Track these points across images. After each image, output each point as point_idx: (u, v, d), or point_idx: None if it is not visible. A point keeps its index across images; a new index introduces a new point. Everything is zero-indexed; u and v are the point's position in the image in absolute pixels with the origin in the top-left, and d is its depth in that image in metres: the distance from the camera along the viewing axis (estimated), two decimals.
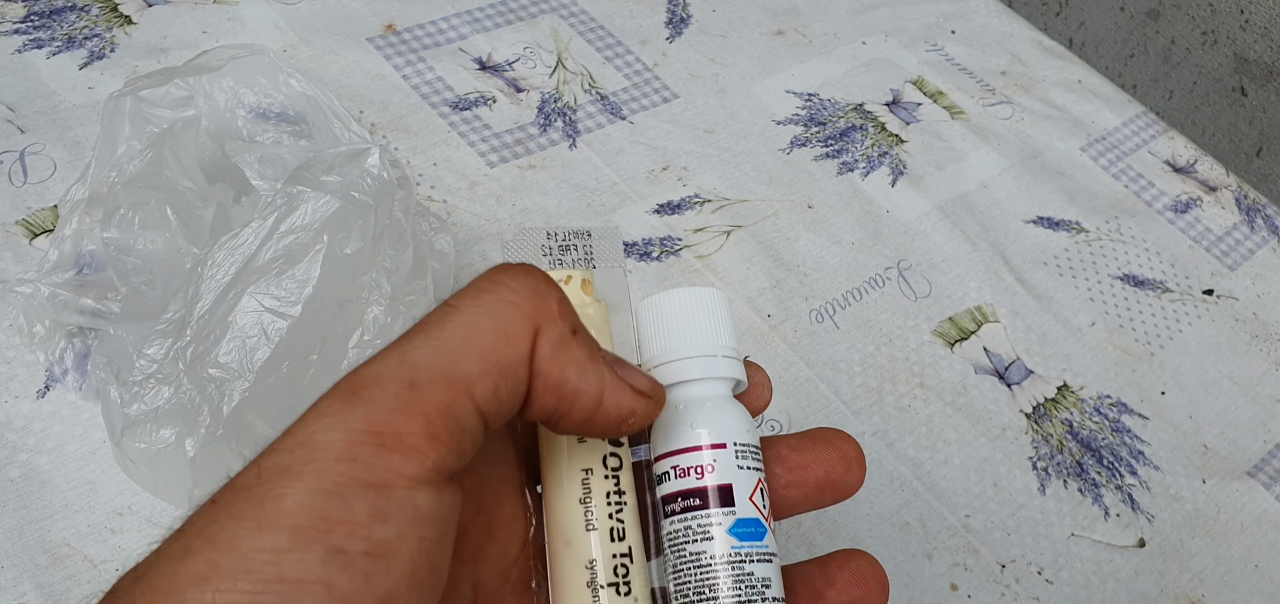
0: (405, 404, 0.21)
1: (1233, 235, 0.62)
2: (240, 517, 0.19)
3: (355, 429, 0.20)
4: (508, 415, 0.23)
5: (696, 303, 0.28)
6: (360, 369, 0.21)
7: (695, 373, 0.27)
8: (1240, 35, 0.88)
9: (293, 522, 0.19)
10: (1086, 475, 0.49)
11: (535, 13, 0.65)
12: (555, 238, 0.28)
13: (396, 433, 0.20)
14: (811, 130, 0.62)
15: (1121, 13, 0.97)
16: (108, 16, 0.58)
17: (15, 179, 0.49)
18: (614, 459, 0.26)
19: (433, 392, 0.21)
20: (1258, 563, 0.47)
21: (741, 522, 0.26)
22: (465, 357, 0.22)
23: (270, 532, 0.19)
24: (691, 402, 0.27)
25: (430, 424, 0.21)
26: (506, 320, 0.22)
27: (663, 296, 0.28)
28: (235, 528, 0.19)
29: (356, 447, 0.20)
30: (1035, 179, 0.62)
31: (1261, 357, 0.56)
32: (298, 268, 0.37)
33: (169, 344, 0.37)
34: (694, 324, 0.28)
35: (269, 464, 0.20)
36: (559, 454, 0.26)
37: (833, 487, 0.28)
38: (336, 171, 0.39)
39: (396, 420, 0.20)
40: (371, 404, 0.21)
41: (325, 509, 0.19)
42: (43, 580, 0.38)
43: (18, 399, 0.42)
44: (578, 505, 0.26)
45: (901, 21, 0.71)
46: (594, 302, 0.28)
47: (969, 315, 0.54)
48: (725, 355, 0.28)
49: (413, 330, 0.22)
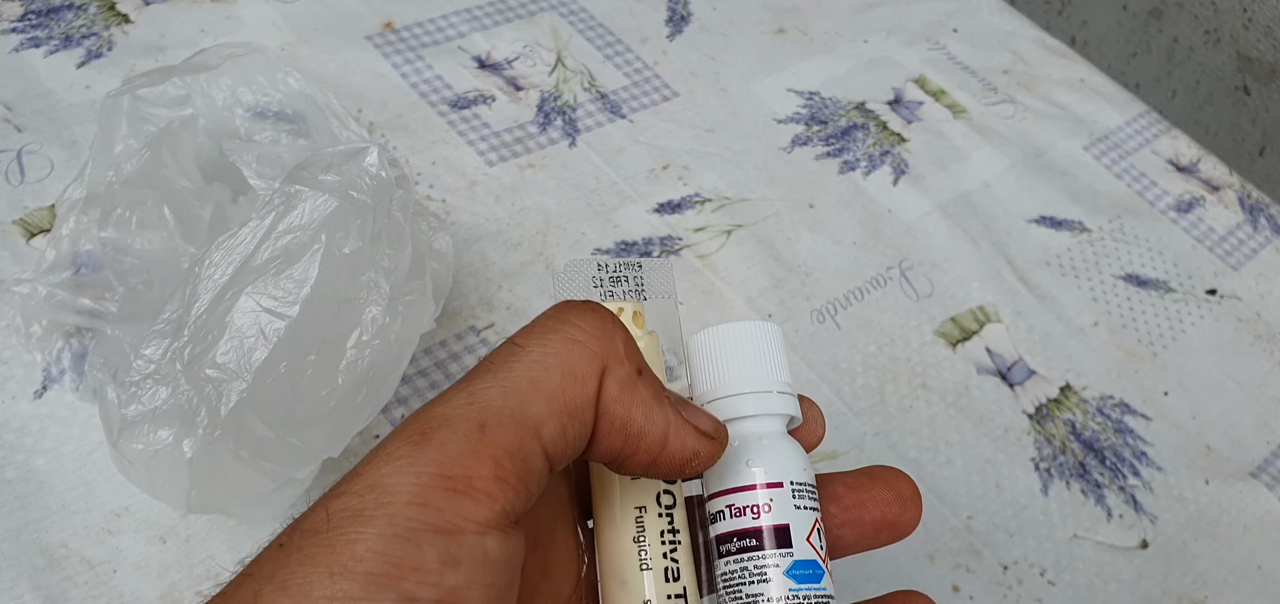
0: (475, 447, 0.21)
1: (1236, 235, 0.62)
2: (311, 562, 0.19)
3: (426, 473, 0.20)
4: (573, 456, 0.23)
5: (751, 337, 0.27)
6: (429, 409, 0.21)
7: (750, 410, 0.27)
8: (1243, 34, 0.88)
9: (365, 568, 0.19)
10: (1089, 476, 0.48)
11: (535, 11, 0.65)
12: (606, 269, 0.28)
13: (467, 476, 0.20)
14: (813, 129, 0.62)
15: (1124, 11, 0.97)
16: (105, 15, 0.58)
17: (12, 178, 0.49)
18: (668, 497, 0.26)
19: (502, 434, 0.21)
20: (1261, 564, 0.47)
21: (799, 563, 0.26)
22: (533, 398, 0.22)
23: (343, 578, 0.19)
24: (747, 439, 0.27)
25: (500, 467, 0.21)
26: (574, 360, 0.22)
27: (716, 330, 0.27)
28: (306, 574, 0.19)
29: (428, 491, 0.20)
30: (1038, 178, 0.62)
31: (1265, 357, 0.55)
32: (295, 268, 0.37)
33: (166, 344, 0.37)
34: (748, 358, 0.27)
35: (338, 508, 0.20)
36: (612, 492, 0.26)
37: (889, 527, 0.27)
38: (335, 171, 0.38)
39: (467, 464, 0.20)
40: (442, 447, 0.20)
41: (397, 555, 0.19)
42: (40, 582, 0.37)
43: (15, 399, 0.42)
44: (632, 544, 0.25)
45: (903, 20, 0.71)
46: (646, 334, 0.27)
47: (971, 315, 0.54)
48: (780, 391, 0.27)
49: (479, 369, 0.22)
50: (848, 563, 0.43)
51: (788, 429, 0.27)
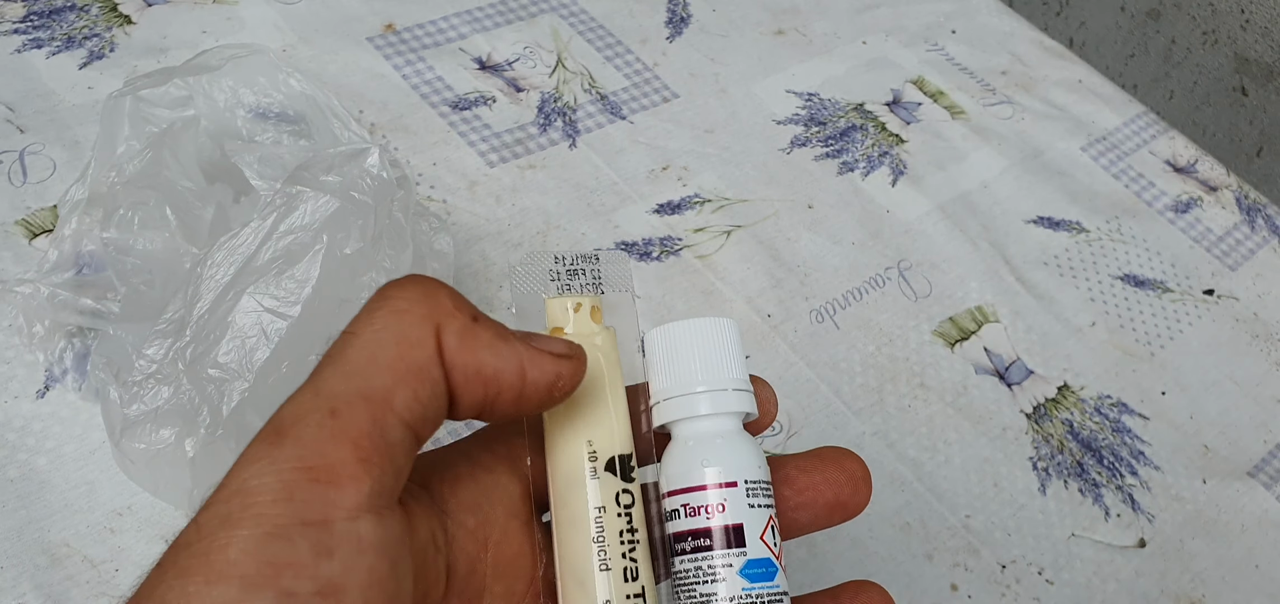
0: (331, 434, 0.21)
1: (1233, 235, 0.62)
2: (187, 574, 0.19)
3: (287, 468, 0.20)
4: (437, 420, 0.23)
5: (706, 333, 0.27)
6: (279, 411, 0.21)
7: (705, 408, 0.27)
8: (1241, 35, 0.88)
9: (240, 571, 0.19)
10: (1087, 476, 0.49)
11: (535, 12, 0.65)
12: (562, 261, 0.27)
13: (328, 465, 0.20)
14: (812, 130, 0.62)
15: (1122, 12, 0.97)
16: (107, 16, 0.58)
17: (15, 179, 0.49)
18: (627, 496, 0.26)
19: (354, 415, 0.21)
20: (1258, 563, 0.47)
21: (752, 563, 0.26)
22: (375, 373, 0.22)
23: (219, 584, 0.19)
24: (701, 438, 0.27)
25: (359, 449, 0.21)
26: (404, 327, 0.22)
27: (671, 327, 0.27)
28: (183, 586, 0.19)
29: (291, 486, 0.20)
30: (1036, 179, 0.62)
31: (1262, 357, 0.56)
32: (297, 268, 0.37)
33: (168, 344, 0.37)
34: (703, 356, 0.27)
35: (206, 518, 0.20)
36: (570, 491, 0.26)
37: (841, 507, 0.28)
38: (336, 171, 0.39)
39: (326, 451, 0.20)
40: (298, 441, 0.20)
41: (270, 554, 0.19)
42: (42, 581, 0.37)
43: (17, 399, 0.42)
44: (590, 545, 0.25)
45: (902, 21, 0.71)
46: (603, 329, 0.27)
47: (969, 315, 0.54)
48: (736, 389, 0.27)
49: (319, 364, 0.22)
50: (846, 559, 0.43)
51: (744, 424, 0.28)
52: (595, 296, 0.27)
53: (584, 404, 0.26)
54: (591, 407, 0.26)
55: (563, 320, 0.27)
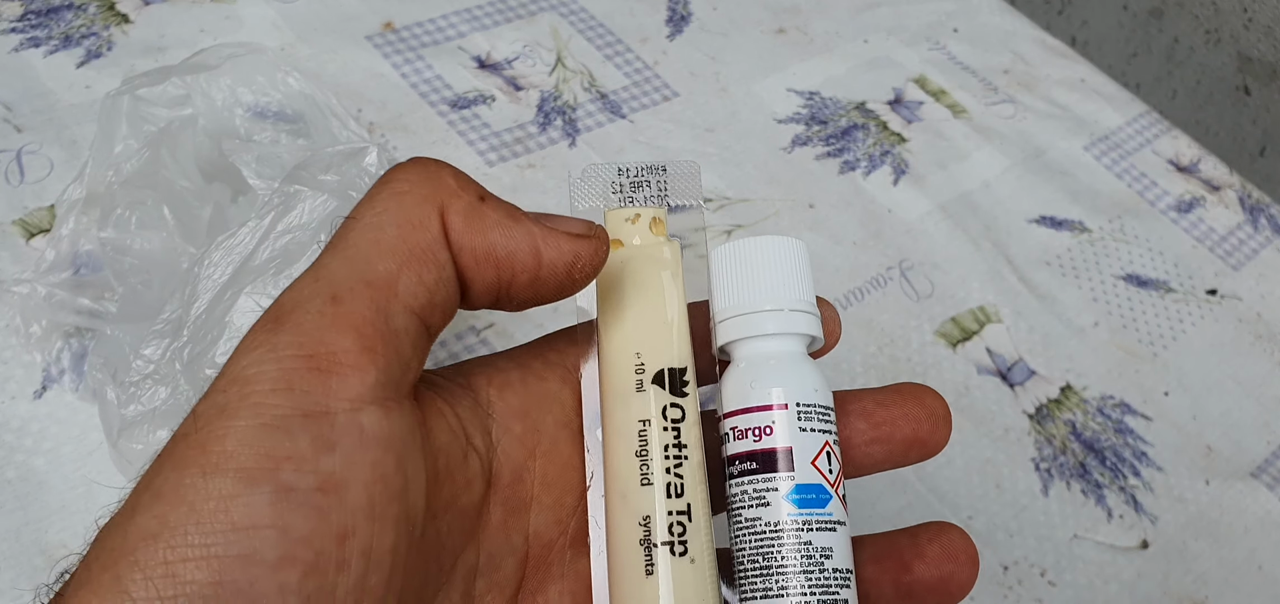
0: (332, 320, 0.20)
1: (1236, 235, 0.62)
2: (184, 465, 0.18)
3: (287, 356, 0.19)
4: (447, 308, 0.22)
5: (770, 252, 0.26)
6: (280, 298, 0.20)
7: (764, 329, 0.26)
8: (1244, 34, 0.88)
9: (237, 463, 0.18)
10: (1089, 477, 0.48)
11: (535, 11, 0.65)
12: (626, 173, 0.26)
13: (330, 353, 0.19)
14: (813, 129, 0.62)
15: (1124, 11, 0.97)
16: (105, 15, 0.58)
17: (12, 178, 0.49)
18: (675, 411, 0.25)
19: (356, 301, 0.20)
20: (1261, 564, 0.47)
21: (802, 487, 0.25)
22: (377, 257, 0.21)
23: (215, 476, 0.18)
24: (757, 359, 0.26)
25: (362, 336, 0.20)
26: (406, 210, 0.21)
27: (737, 244, 0.26)
28: (179, 477, 0.18)
29: (291, 375, 0.19)
30: (1038, 178, 0.62)
31: (1265, 357, 0.55)
32: (295, 268, 0.37)
33: (166, 344, 0.37)
34: (768, 275, 0.26)
35: (204, 408, 0.19)
36: (616, 402, 0.25)
37: (919, 444, 0.26)
38: (334, 170, 0.38)
39: (327, 338, 0.19)
40: (298, 327, 0.20)
41: (268, 445, 0.18)
42: (41, 582, 0.37)
43: (14, 399, 0.42)
44: (634, 458, 0.24)
45: (903, 20, 0.71)
46: (667, 241, 0.26)
47: (971, 316, 0.54)
48: (797, 309, 0.26)
49: (322, 253, 0.21)
50: None
51: (809, 349, 0.27)
52: (657, 208, 0.26)
53: (636, 315, 0.25)
54: (644, 318, 0.25)
55: (621, 232, 0.26)
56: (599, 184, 0.26)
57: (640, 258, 0.25)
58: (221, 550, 0.18)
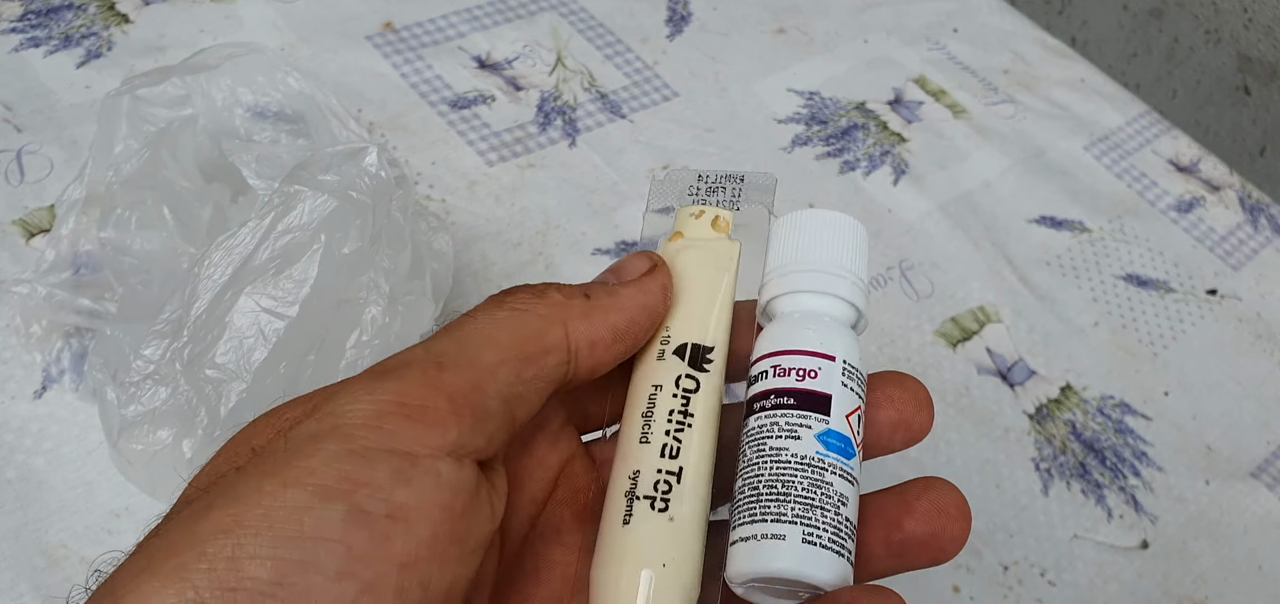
0: (432, 382, 0.22)
1: (1236, 235, 0.62)
2: (265, 475, 0.20)
3: (382, 400, 0.21)
4: (536, 401, 0.24)
5: (833, 224, 0.28)
6: (387, 359, 0.23)
7: (817, 286, 0.27)
8: (1244, 34, 0.88)
9: (316, 481, 0.20)
10: (1089, 477, 0.48)
11: (535, 11, 0.65)
12: (704, 180, 0.28)
13: (422, 405, 0.21)
14: (813, 129, 0.62)
15: (1124, 11, 0.97)
16: (105, 15, 0.58)
17: (12, 178, 0.49)
18: (690, 382, 0.26)
19: (457, 373, 0.22)
20: (1261, 564, 0.47)
21: (833, 433, 0.25)
22: (486, 348, 0.23)
23: (294, 488, 0.19)
24: (807, 313, 0.27)
25: (454, 401, 0.22)
26: (524, 322, 0.24)
27: (803, 213, 0.28)
28: (259, 484, 0.20)
29: (383, 417, 0.21)
30: (1038, 178, 0.62)
31: (1265, 357, 0.55)
32: (295, 268, 0.37)
33: (166, 345, 0.37)
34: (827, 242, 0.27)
35: (296, 434, 0.21)
36: (638, 370, 0.26)
37: (904, 427, 0.27)
38: (334, 171, 0.38)
39: (422, 394, 0.21)
40: (399, 380, 0.21)
41: (348, 469, 0.20)
42: (40, 582, 0.37)
43: (14, 400, 0.42)
44: (639, 418, 0.26)
45: (903, 19, 0.71)
46: (727, 239, 0.28)
47: (971, 316, 0.54)
48: (850, 279, 0.27)
49: (436, 333, 0.23)
50: None
51: (853, 325, 0.27)
52: (724, 210, 0.28)
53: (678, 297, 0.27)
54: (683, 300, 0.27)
55: (687, 228, 0.28)
56: (678, 186, 0.28)
57: (696, 249, 0.27)
58: (286, 555, 0.19)
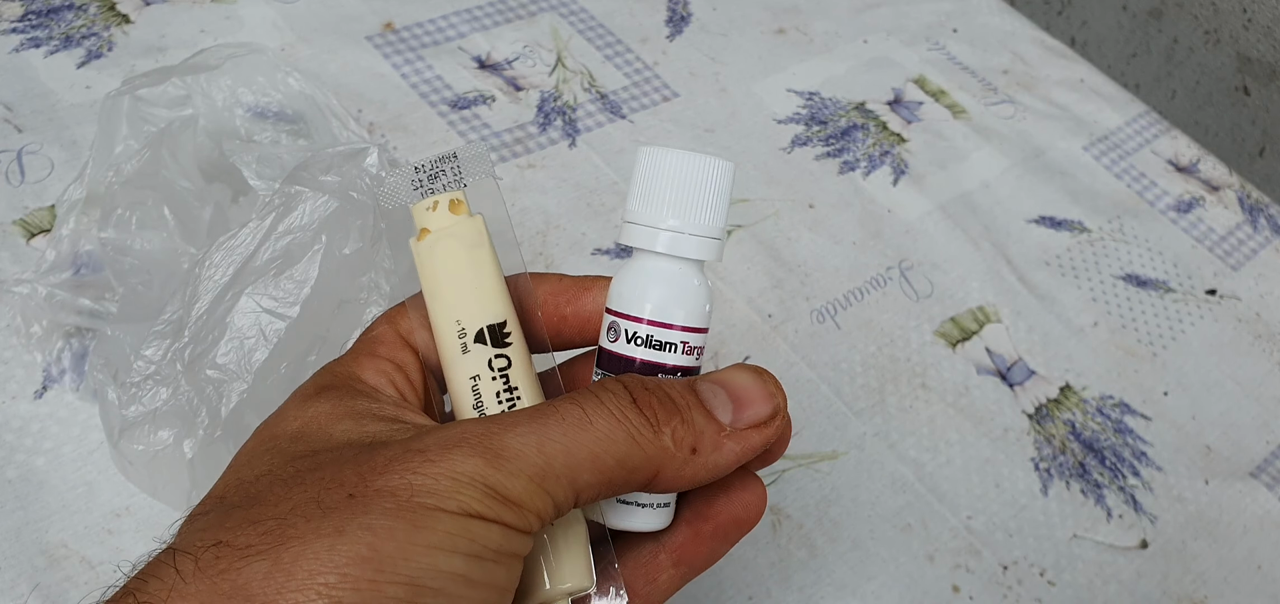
0: (534, 492, 0.24)
1: (1235, 235, 0.62)
2: (395, 516, 0.22)
3: (494, 486, 0.24)
4: None
5: (690, 170, 0.29)
6: (502, 435, 0.24)
7: (659, 246, 0.28)
8: (1243, 34, 0.88)
9: (445, 528, 0.23)
10: (1089, 476, 0.48)
11: (535, 11, 0.65)
12: (423, 169, 0.29)
13: (521, 505, 0.24)
14: (813, 129, 0.62)
15: (1124, 12, 0.97)
16: (105, 15, 0.58)
17: (12, 178, 0.49)
18: (501, 360, 0.28)
19: (558, 488, 0.24)
20: (1260, 564, 0.47)
21: None
22: (588, 470, 0.25)
23: (426, 532, 0.22)
24: (647, 270, 0.29)
25: (543, 511, 0.24)
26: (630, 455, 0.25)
27: (660, 153, 0.29)
28: (391, 524, 0.22)
29: (492, 498, 0.24)
30: (1037, 178, 0.62)
31: (1264, 357, 0.55)
32: (296, 268, 0.37)
33: (166, 345, 0.37)
34: (679, 192, 0.28)
35: (418, 484, 0.23)
36: (451, 369, 0.28)
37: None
38: (335, 171, 0.38)
39: (525, 497, 0.24)
40: (510, 477, 0.24)
41: (468, 529, 0.23)
42: (41, 582, 0.37)
43: (15, 399, 0.42)
44: (473, 412, 0.28)
45: (903, 20, 0.71)
46: (467, 218, 0.29)
47: (971, 316, 0.54)
48: (697, 235, 0.28)
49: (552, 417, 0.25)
50: (847, 561, 0.43)
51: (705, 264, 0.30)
52: (455, 192, 0.29)
53: (450, 288, 0.28)
54: (457, 288, 0.28)
55: (428, 221, 0.29)
56: (402, 185, 0.29)
57: (444, 237, 0.28)
58: (420, 580, 0.22)
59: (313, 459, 0.24)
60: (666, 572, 0.30)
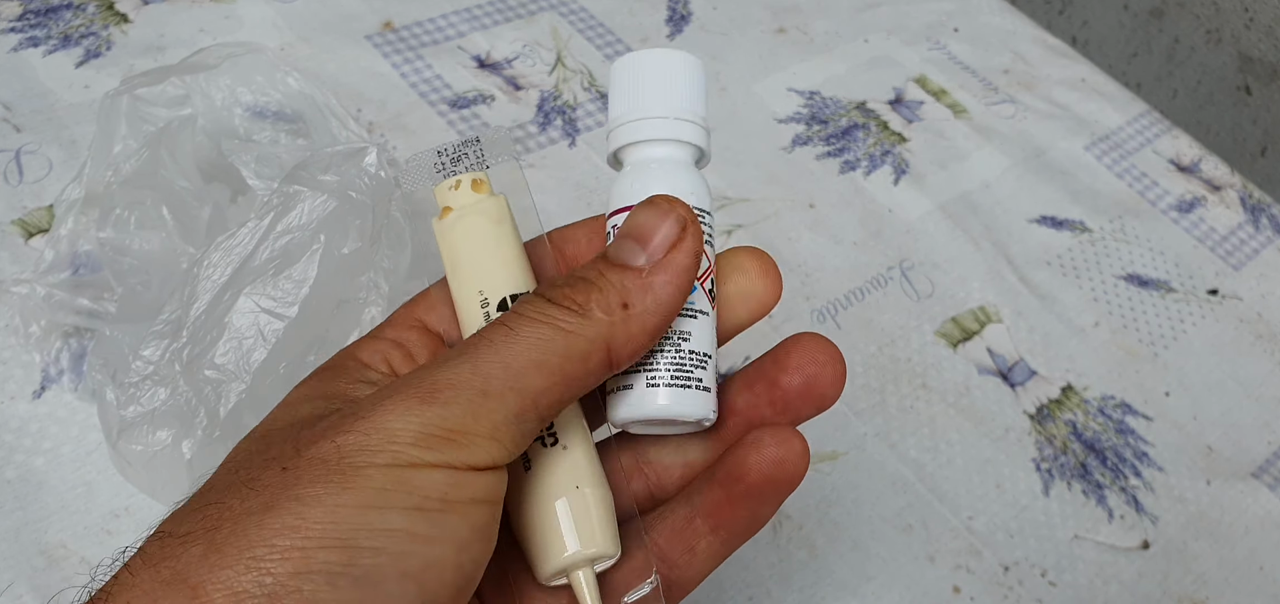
0: (475, 412, 0.23)
1: (1237, 235, 0.62)
2: (324, 482, 0.22)
3: (430, 424, 0.23)
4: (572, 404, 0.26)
5: (664, 65, 0.29)
6: (435, 372, 0.24)
7: (645, 134, 0.28)
8: (1244, 34, 0.88)
9: (376, 485, 0.22)
10: (1090, 477, 0.48)
11: (534, 10, 0.65)
12: (446, 152, 0.29)
13: (467, 432, 0.23)
14: (813, 129, 0.62)
15: (1125, 11, 0.97)
16: (104, 14, 0.58)
17: (11, 178, 0.49)
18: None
19: (503, 403, 0.24)
20: (1262, 564, 0.47)
21: None
22: (533, 374, 0.24)
23: (354, 491, 0.22)
24: (639, 164, 0.29)
25: (497, 430, 0.23)
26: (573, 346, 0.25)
27: (630, 57, 0.29)
28: (319, 491, 0.22)
29: (431, 438, 0.23)
30: (1038, 178, 0.62)
31: (1266, 357, 0.55)
32: (294, 268, 0.37)
33: (165, 345, 0.37)
34: (657, 85, 0.29)
35: (347, 443, 0.23)
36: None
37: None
38: (334, 171, 0.38)
39: (467, 422, 0.23)
40: (446, 407, 0.23)
41: (404, 479, 0.22)
42: (39, 582, 0.37)
43: (14, 400, 0.42)
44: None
45: (904, 19, 0.71)
46: (490, 197, 0.29)
47: (972, 316, 0.54)
48: (682, 118, 0.28)
49: (483, 341, 0.24)
50: (847, 562, 0.43)
51: (695, 161, 0.29)
52: (477, 173, 0.29)
53: (472, 260, 0.28)
54: (479, 259, 0.28)
55: (449, 200, 0.29)
56: (424, 168, 0.29)
57: (468, 214, 0.29)
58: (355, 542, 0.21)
59: (263, 441, 0.24)
60: (704, 538, 0.28)
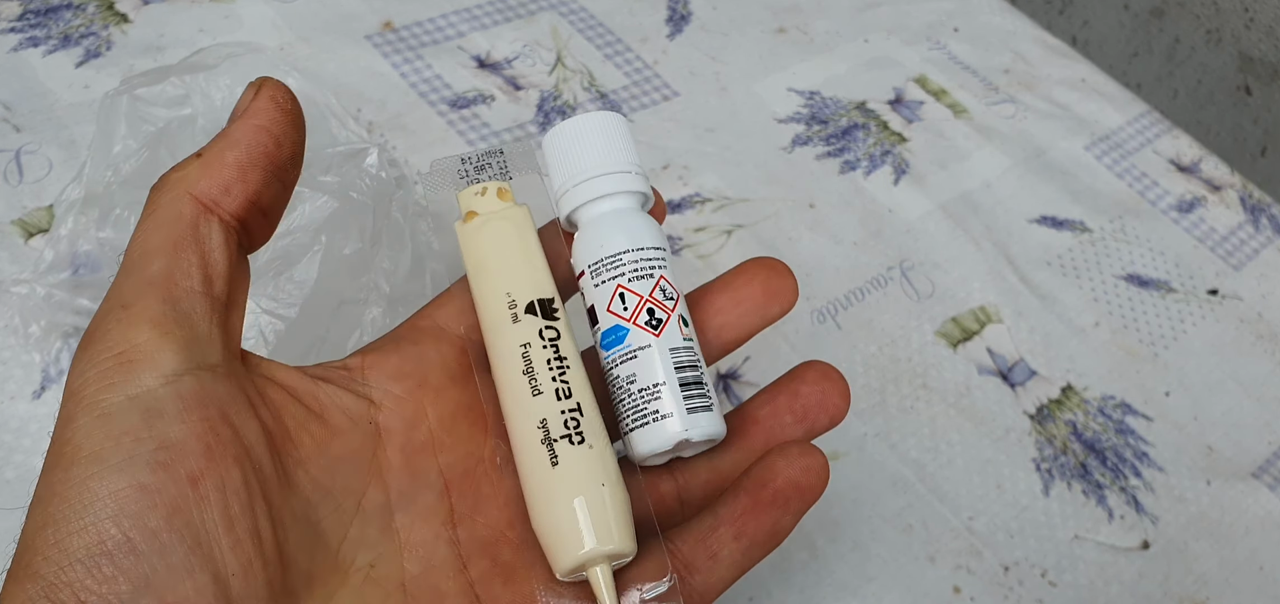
0: (128, 323, 0.24)
1: (1237, 235, 0.62)
2: (50, 469, 0.23)
3: (101, 360, 0.23)
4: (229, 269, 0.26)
5: (592, 128, 0.31)
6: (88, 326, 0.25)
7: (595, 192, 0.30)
8: (1245, 34, 0.88)
9: (87, 451, 0.22)
10: (1090, 477, 0.48)
11: (534, 10, 0.65)
12: (470, 161, 0.30)
13: (134, 347, 0.23)
14: (813, 129, 0.62)
15: (1125, 11, 0.97)
16: (104, 14, 0.58)
17: (10, 178, 0.49)
18: (551, 331, 0.28)
19: (143, 301, 0.24)
20: (1262, 565, 0.47)
21: (604, 333, 0.30)
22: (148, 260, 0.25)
23: (74, 466, 0.22)
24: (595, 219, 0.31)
25: (156, 325, 0.24)
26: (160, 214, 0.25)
27: (562, 127, 0.31)
28: (48, 479, 0.23)
29: (108, 374, 0.23)
30: (1039, 178, 0.62)
31: (1266, 357, 0.55)
32: (295, 269, 0.37)
33: None
34: (591, 148, 0.30)
35: (55, 427, 0.24)
36: (497, 336, 0.28)
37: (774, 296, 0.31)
38: (334, 171, 0.38)
39: (128, 337, 0.24)
40: (104, 336, 0.24)
41: (106, 430, 0.23)
42: None
43: (14, 400, 0.42)
44: (521, 377, 0.28)
45: (904, 19, 0.71)
46: (514, 205, 0.30)
47: (972, 316, 0.54)
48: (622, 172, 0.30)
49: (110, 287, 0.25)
50: (848, 562, 0.43)
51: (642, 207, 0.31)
52: (500, 181, 0.30)
53: (499, 265, 0.29)
54: (506, 263, 0.29)
55: (474, 205, 0.30)
56: (448, 174, 0.30)
57: (495, 220, 0.29)
58: (93, 517, 0.22)
59: None
60: (727, 546, 0.28)
